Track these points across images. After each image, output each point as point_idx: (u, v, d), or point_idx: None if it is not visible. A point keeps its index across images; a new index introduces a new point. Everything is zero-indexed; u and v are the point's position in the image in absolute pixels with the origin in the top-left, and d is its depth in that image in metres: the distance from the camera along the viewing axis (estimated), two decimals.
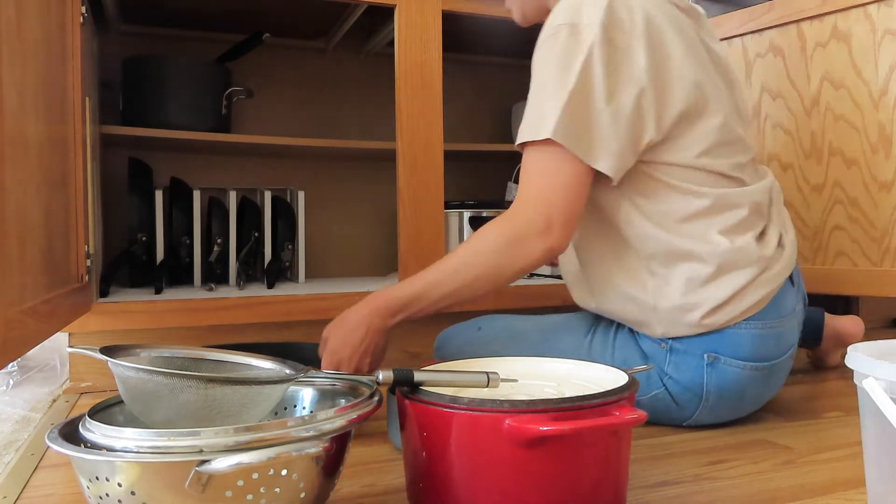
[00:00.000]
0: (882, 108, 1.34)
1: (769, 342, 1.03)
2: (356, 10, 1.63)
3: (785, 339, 1.05)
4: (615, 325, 1.12)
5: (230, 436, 0.59)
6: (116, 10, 1.63)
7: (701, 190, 0.99)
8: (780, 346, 1.05)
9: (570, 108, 0.92)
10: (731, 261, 0.99)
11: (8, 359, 0.77)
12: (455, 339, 1.24)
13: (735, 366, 1.02)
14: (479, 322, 1.25)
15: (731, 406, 1.05)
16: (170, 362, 0.73)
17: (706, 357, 1.02)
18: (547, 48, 0.97)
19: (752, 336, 1.02)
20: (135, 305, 1.35)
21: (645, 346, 1.07)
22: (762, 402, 1.10)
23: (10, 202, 0.78)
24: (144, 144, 1.70)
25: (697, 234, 1.00)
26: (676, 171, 0.99)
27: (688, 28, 1.02)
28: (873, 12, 1.35)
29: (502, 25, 1.77)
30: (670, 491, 0.82)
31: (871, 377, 0.63)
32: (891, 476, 0.65)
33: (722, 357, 1.02)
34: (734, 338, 1.02)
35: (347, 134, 1.96)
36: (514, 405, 0.64)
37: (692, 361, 1.03)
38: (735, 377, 1.02)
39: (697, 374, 1.03)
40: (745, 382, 1.03)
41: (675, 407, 1.05)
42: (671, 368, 1.04)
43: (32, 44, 0.89)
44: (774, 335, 1.03)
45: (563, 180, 0.93)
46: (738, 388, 1.03)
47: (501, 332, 1.20)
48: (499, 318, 1.25)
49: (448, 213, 1.73)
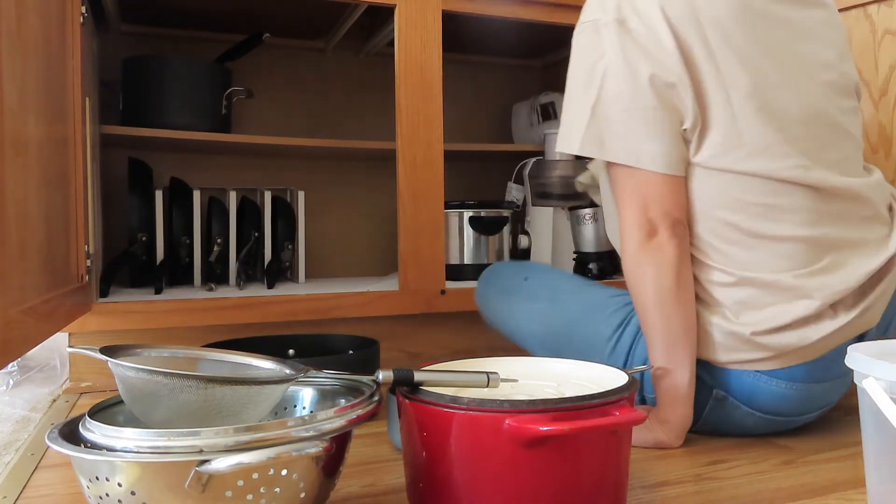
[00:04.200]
0: (882, 108, 1.34)
1: (793, 402, 0.96)
2: (356, 10, 1.63)
3: (819, 400, 0.98)
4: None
5: (230, 436, 0.59)
6: (116, 10, 1.63)
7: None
8: (808, 406, 0.98)
9: (594, 122, 0.95)
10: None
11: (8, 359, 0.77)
12: (501, 280, 1.23)
13: (743, 410, 0.98)
14: (525, 271, 1.23)
15: (731, 432, 1.02)
16: (170, 362, 0.73)
17: (714, 392, 0.98)
18: (574, 47, 1.00)
19: (773, 392, 0.95)
20: (135, 305, 1.35)
21: None
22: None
23: (10, 202, 0.78)
24: (144, 144, 1.70)
25: None
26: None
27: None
28: (873, 12, 1.35)
29: (502, 25, 1.77)
30: (670, 491, 0.82)
31: (871, 377, 0.63)
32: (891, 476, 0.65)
33: (730, 398, 0.97)
34: (751, 386, 0.95)
35: (347, 134, 1.96)
36: (514, 405, 0.64)
37: (700, 388, 0.97)
38: (739, 417, 0.99)
39: (701, 404, 0.98)
40: (751, 425, 1.00)
41: None
42: None
43: (32, 44, 0.89)
44: (803, 397, 0.96)
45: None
46: (741, 427, 1.00)
47: (544, 291, 1.17)
48: (546, 273, 1.22)
49: (448, 213, 1.73)
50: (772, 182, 0.92)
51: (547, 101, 2.01)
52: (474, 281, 1.68)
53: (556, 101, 1.99)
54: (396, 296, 1.50)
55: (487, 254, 1.75)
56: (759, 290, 0.93)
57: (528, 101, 2.10)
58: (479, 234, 1.74)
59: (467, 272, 1.73)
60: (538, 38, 1.97)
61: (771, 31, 0.95)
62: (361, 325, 1.51)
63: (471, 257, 1.75)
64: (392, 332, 1.56)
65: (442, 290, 1.53)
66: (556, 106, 1.99)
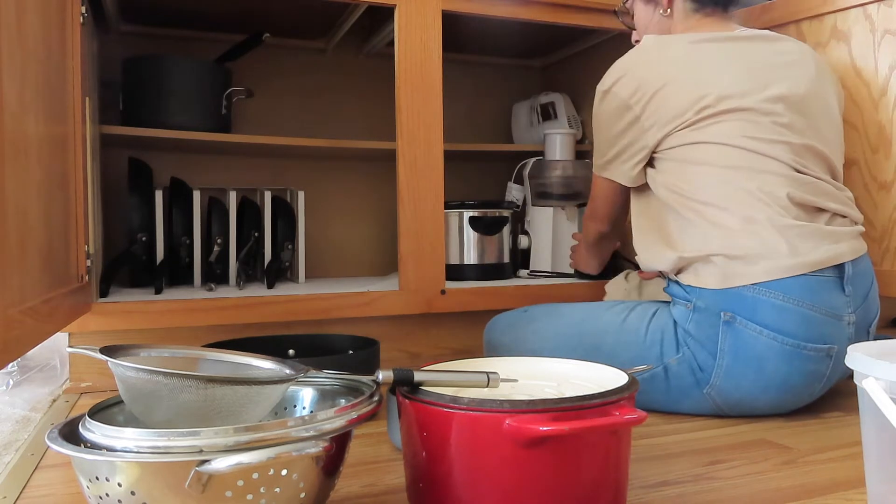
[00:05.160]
0: (882, 108, 1.34)
1: (792, 317, 1.05)
2: (356, 10, 1.63)
3: (815, 327, 1.06)
4: (655, 305, 1.20)
5: (230, 436, 0.59)
6: (116, 10, 1.63)
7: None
8: (808, 330, 1.05)
9: (613, 162, 1.23)
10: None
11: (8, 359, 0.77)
12: (502, 321, 1.34)
13: (752, 329, 1.05)
14: (526, 308, 1.35)
15: (750, 374, 1.07)
16: (170, 362, 0.73)
17: (723, 315, 1.07)
18: (595, 108, 1.26)
19: (772, 304, 1.05)
20: (135, 305, 1.35)
21: (675, 314, 1.14)
22: (790, 388, 1.08)
23: (10, 202, 0.78)
24: (144, 144, 1.70)
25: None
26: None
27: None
28: (873, 12, 1.35)
29: (502, 25, 1.77)
30: (670, 491, 0.82)
31: (871, 377, 0.63)
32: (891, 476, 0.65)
33: (738, 317, 1.06)
34: (751, 300, 1.06)
35: (347, 134, 1.96)
36: (514, 405, 0.64)
37: (710, 319, 1.09)
38: (751, 340, 1.05)
39: (713, 332, 1.08)
40: (763, 350, 1.05)
41: (697, 369, 1.10)
42: (692, 326, 1.10)
43: (32, 44, 0.89)
44: (799, 313, 1.05)
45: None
46: (756, 355, 1.06)
47: (545, 312, 1.30)
48: (544, 304, 1.34)
49: (448, 213, 1.73)
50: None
51: (547, 101, 2.01)
52: (474, 281, 1.69)
53: (555, 101, 1.99)
54: (396, 296, 1.50)
55: (487, 254, 1.75)
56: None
57: (528, 101, 2.10)
58: (479, 234, 1.74)
59: (467, 272, 1.73)
60: (538, 38, 1.97)
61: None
62: (361, 325, 1.51)
63: (471, 257, 1.75)
64: (392, 332, 1.56)
65: (442, 290, 1.53)
66: (556, 106, 1.99)
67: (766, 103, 1.12)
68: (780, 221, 1.07)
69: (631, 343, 1.16)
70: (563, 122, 1.97)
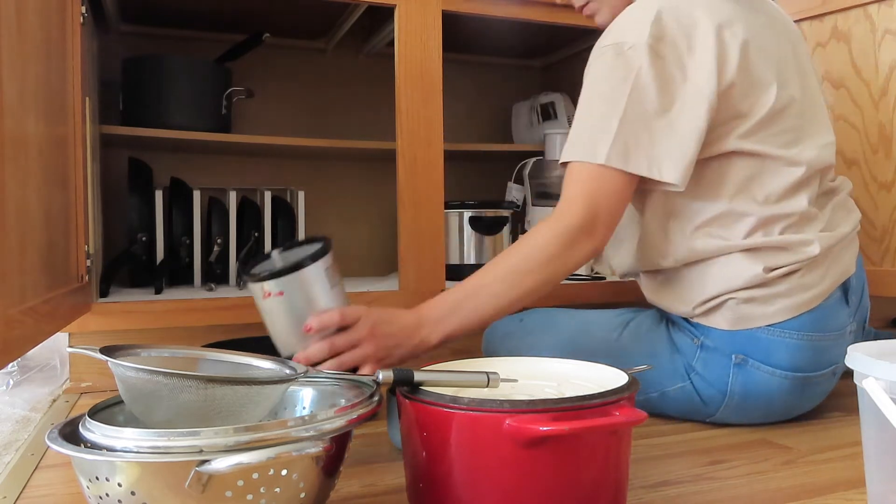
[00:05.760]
0: (882, 108, 1.34)
1: (806, 353, 1.01)
2: (356, 10, 1.63)
3: (825, 354, 1.03)
4: (650, 320, 1.14)
5: (230, 436, 0.59)
6: (116, 10, 1.63)
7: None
8: (818, 360, 1.02)
9: (621, 136, 0.94)
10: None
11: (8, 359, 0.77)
12: (499, 330, 1.28)
13: (764, 371, 1.01)
14: (521, 315, 1.27)
15: (758, 410, 1.05)
16: (170, 362, 0.73)
17: (734, 357, 1.02)
18: (595, 69, 1.01)
19: (786, 345, 1.00)
20: (135, 305, 1.35)
21: (677, 339, 1.08)
22: (794, 413, 1.08)
23: (10, 202, 0.78)
24: (144, 144, 1.70)
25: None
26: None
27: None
28: (873, 12, 1.35)
29: (502, 25, 1.77)
30: (670, 491, 0.82)
31: (871, 377, 0.63)
32: (891, 476, 0.65)
33: (750, 360, 1.02)
34: (766, 342, 1.01)
35: (347, 134, 1.96)
36: (514, 405, 0.64)
37: (720, 360, 1.03)
38: (763, 382, 1.02)
39: (724, 374, 1.03)
40: (775, 389, 1.02)
41: (700, 402, 1.06)
42: (699, 364, 1.05)
43: (32, 44, 0.89)
44: (811, 347, 1.01)
45: (611, 186, 0.95)
46: (766, 394, 1.02)
47: (540, 322, 1.24)
48: (540, 311, 1.28)
49: (448, 213, 1.73)
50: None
51: (547, 101, 2.01)
52: None
53: (556, 101, 1.99)
54: (396, 296, 1.50)
55: (487, 254, 1.75)
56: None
57: (528, 101, 2.10)
58: (479, 234, 1.74)
59: (467, 272, 1.72)
60: (538, 38, 1.97)
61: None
62: None
63: (471, 257, 1.75)
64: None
65: (442, 290, 1.53)
66: (556, 106, 1.99)
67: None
68: None
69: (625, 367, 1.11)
70: (563, 122, 1.97)
